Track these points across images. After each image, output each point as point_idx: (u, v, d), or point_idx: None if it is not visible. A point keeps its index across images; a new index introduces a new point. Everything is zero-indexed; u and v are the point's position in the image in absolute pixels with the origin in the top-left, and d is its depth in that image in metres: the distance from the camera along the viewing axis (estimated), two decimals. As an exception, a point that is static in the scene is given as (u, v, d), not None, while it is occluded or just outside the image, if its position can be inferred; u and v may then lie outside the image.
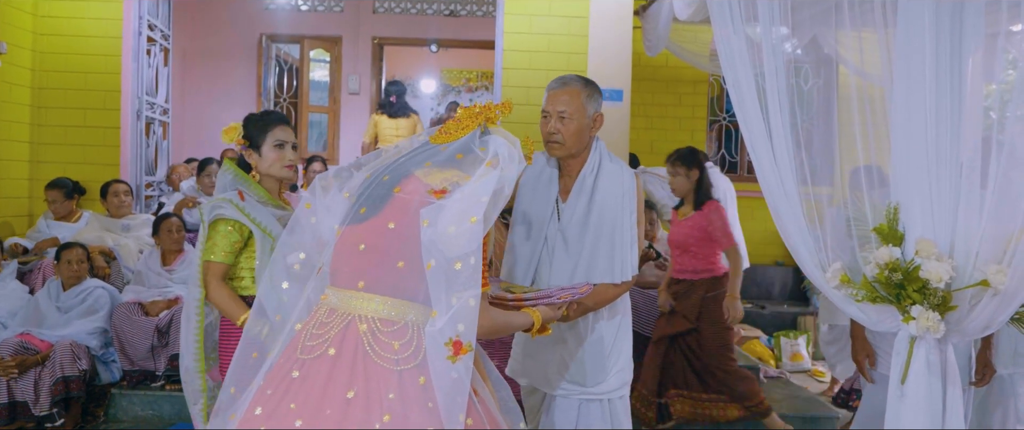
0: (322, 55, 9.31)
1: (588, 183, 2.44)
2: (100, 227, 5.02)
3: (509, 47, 5.51)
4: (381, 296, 1.66)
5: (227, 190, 2.51)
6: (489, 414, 1.73)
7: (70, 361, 3.85)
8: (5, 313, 4.17)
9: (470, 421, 1.63)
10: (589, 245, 2.42)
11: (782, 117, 2.08)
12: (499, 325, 1.91)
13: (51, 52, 5.55)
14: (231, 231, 2.42)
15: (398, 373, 1.60)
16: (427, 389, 1.59)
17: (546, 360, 2.52)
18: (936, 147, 1.82)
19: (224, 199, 2.46)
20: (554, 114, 2.40)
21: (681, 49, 6.01)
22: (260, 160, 2.51)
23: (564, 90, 2.41)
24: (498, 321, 1.89)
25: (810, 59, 4.06)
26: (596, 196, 2.43)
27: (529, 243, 2.48)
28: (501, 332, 1.94)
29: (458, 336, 1.57)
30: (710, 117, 7.51)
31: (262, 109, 8.69)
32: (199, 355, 2.53)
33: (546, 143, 2.45)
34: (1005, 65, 2.07)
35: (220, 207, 2.44)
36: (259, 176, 2.52)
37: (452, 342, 1.57)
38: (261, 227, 2.44)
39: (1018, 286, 1.74)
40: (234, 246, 2.43)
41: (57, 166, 5.51)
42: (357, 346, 1.63)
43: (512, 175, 1.75)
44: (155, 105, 6.03)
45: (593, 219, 2.42)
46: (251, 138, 2.51)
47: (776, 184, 2.10)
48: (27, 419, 3.82)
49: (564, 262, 2.43)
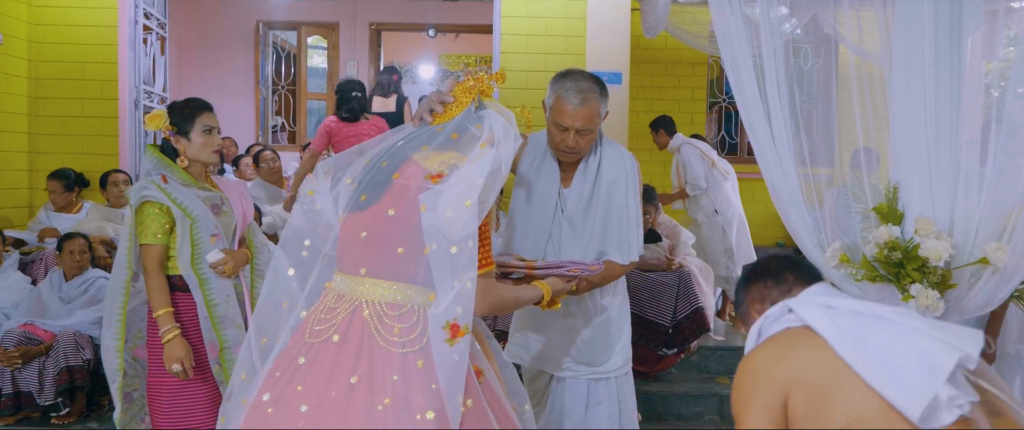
0: (319, 42, 9.27)
1: (591, 168, 2.44)
2: (100, 217, 5.02)
3: (507, 31, 5.49)
4: (385, 281, 1.67)
5: (151, 175, 2.60)
6: (492, 395, 1.74)
7: (73, 351, 3.86)
8: (8, 304, 4.18)
9: (470, 402, 1.64)
10: (598, 228, 2.43)
11: (781, 98, 2.08)
12: (507, 300, 1.89)
13: (47, 42, 5.52)
14: (158, 213, 2.52)
15: (401, 356, 1.61)
16: (429, 371, 1.60)
17: (553, 342, 2.53)
18: (936, 126, 1.82)
19: (149, 181, 2.56)
20: (573, 130, 2.32)
21: (680, 30, 5.99)
22: (189, 145, 2.61)
23: (585, 107, 2.30)
24: (506, 297, 1.87)
25: (809, 39, 4.03)
26: (600, 179, 2.44)
27: (533, 230, 2.48)
28: (509, 307, 1.92)
29: (456, 319, 1.59)
30: (709, 99, 7.49)
31: (262, 97, 8.69)
32: (120, 334, 2.62)
33: (560, 152, 2.40)
34: (1005, 42, 2.06)
35: (145, 189, 2.54)
36: (186, 161, 2.62)
37: (450, 325, 1.59)
38: (181, 207, 2.53)
39: (1017, 264, 1.74)
40: (164, 226, 2.53)
41: (56, 157, 5.50)
42: (363, 330, 1.64)
43: (509, 153, 1.73)
44: (153, 94, 6.02)
45: (599, 202, 2.43)
46: (178, 124, 2.61)
47: (775, 165, 2.10)
48: (32, 409, 3.84)
49: (573, 247, 2.44)
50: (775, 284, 1.68)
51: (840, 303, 1.54)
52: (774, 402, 1.46)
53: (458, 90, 1.83)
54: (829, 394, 1.41)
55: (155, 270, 2.51)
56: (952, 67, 1.81)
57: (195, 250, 2.54)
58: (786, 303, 1.58)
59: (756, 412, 1.47)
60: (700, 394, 4.32)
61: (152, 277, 2.51)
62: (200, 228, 2.55)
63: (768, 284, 1.69)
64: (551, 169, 2.48)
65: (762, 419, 1.46)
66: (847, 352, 1.41)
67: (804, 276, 1.68)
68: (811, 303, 1.55)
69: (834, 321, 1.47)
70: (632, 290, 4.45)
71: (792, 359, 1.48)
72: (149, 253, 2.51)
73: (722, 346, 4.75)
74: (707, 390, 4.36)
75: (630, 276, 4.48)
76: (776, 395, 1.46)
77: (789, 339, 1.53)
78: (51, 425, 3.82)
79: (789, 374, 1.46)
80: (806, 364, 1.46)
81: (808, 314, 1.51)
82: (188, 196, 2.55)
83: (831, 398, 1.41)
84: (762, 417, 1.46)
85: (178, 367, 2.43)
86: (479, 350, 1.77)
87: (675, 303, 4.35)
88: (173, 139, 2.62)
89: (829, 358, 1.43)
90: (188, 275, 2.53)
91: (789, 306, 1.56)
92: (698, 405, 4.28)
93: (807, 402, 1.42)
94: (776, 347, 1.54)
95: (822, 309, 1.52)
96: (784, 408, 1.46)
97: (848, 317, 1.48)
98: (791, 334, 1.54)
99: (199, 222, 2.55)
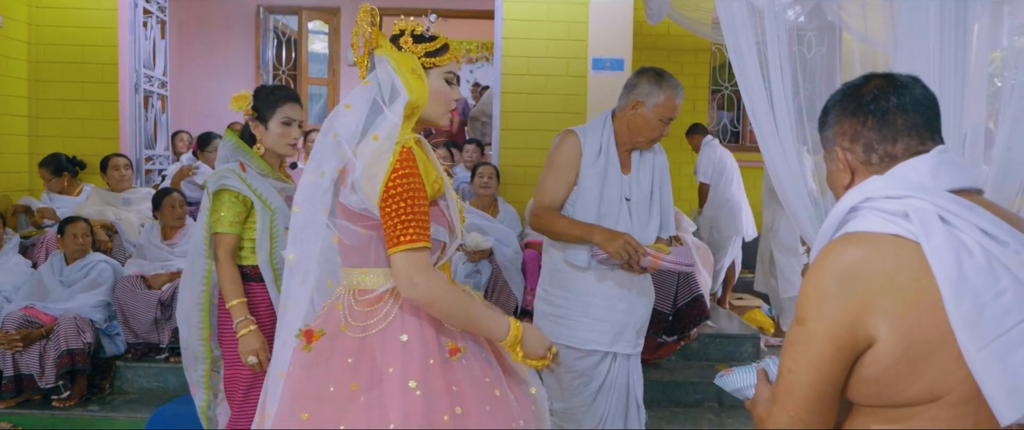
0: (321, 27, 9.23)
1: (648, 155, 2.66)
2: (101, 201, 5.02)
3: (509, 16, 5.46)
4: (357, 268, 1.70)
5: (228, 161, 2.52)
6: (465, 373, 1.66)
7: (74, 334, 3.87)
8: (9, 287, 4.19)
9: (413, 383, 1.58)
10: (656, 210, 2.65)
11: (784, 85, 2.07)
12: (464, 317, 1.65)
13: (47, 25, 5.50)
14: (235, 201, 2.44)
15: (360, 340, 1.64)
16: (383, 357, 1.61)
17: (628, 322, 2.62)
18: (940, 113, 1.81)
19: (228, 169, 2.47)
20: (667, 120, 2.53)
21: (683, 17, 5.95)
22: (265, 134, 2.50)
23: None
24: (471, 314, 1.65)
25: (813, 26, 4.00)
26: (655, 164, 2.66)
27: (603, 220, 2.55)
28: (460, 324, 1.67)
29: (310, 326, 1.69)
30: (712, 86, 7.47)
31: (263, 82, 8.64)
32: (204, 323, 2.55)
33: (648, 141, 2.58)
34: (1011, 30, 2.05)
35: (225, 177, 2.45)
36: (263, 149, 2.52)
37: (303, 332, 1.69)
38: (262, 199, 2.45)
39: (1020, 253, 1.73)
40: (239, 216, 2.45)
41: (56, 140, 5.49)
42: (338, 318, 1.69)
43: (395, 117, 1.62)
44: (153, 78, 6.00)
45: (656, 186, 2.65)
46: (259, 110, 2.50)
47: (778, 152, 2.10)
48: (33, 392, 3.86)
49: (638, 230, 2.57)
50: (877, 125, 1.26)
51: (966, 218, 1.15)
52: (851, 342, 1.15)
53: (354, 44, 1.77)
54: (925, 360, 1.12)
55: (228, 260, 2.43)
56: (957, 55, 1.80)
57: (273, 243, 2.47)
58: (906, 200, 1.17)
59: (823, 346, 1.15)
60: (699, 381, 4.32)
61: (225, 267, 2.42)
62: (278, 220, 2.47)
63: (868, 122, 1.27)
64: (614, 159, 2.59)
65: (826, 359, 1.15)
66: (961, 325, 1.10)
67: (915, 123, 1.25)
68: (933, 214, 1.15)
69: (960, 262, 1.11)
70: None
71: (897, 301, 1.12)
72: (222, 242, 2.43)
73: (721, 333, 4.76)
74: (706, 377, 4.37)
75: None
76: (861, 338, 1.14)
77: (899, 260, 1.14)
78: (52, 408, 3.83)
79: (888, 322, 1.12)
80: (914, 321, 1.12)
81: (931, 242, 1.12)
82: (267, 187, 2.48)
83: (928, 361, 1.12)
84: (827, 353, 1.15)
85: (254, 359, 2.36)
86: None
87: (675, 290, 4.35)
88: (252, 124, 2.52)
89: (941, 319, 1.11)
90: (265, 268, 2.46)
91: (906, 210, 1.16)
92: (697, 392, 4.29)
93: (895, 364, 1.13)
94: (884, 267, 1.14)
95: (947, 234, 1.13)
96: (855, 351, 1.15)
97: (977, 254, 1.12)
98: (900, 250, 1.14)
99: (278, 214, 2.47)
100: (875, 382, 1.15)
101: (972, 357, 1.10)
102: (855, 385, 1.18)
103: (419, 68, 1.69)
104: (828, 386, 1.17)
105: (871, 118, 1.26)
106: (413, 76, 1.67)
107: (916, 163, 1.22)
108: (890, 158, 1.25)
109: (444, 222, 1.69)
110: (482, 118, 8.15)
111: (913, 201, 1.17)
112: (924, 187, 1.19)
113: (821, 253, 1.21)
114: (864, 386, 1.17)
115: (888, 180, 1.22)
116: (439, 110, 1.74)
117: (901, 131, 1.25)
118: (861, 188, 1.23)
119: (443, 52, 1.73)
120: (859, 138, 1.28)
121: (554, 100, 5.43)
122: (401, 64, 1.67)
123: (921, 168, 1.21)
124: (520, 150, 5.49)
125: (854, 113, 1.28)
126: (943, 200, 1.16)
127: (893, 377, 1.14)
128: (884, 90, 1.27)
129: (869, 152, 1.27)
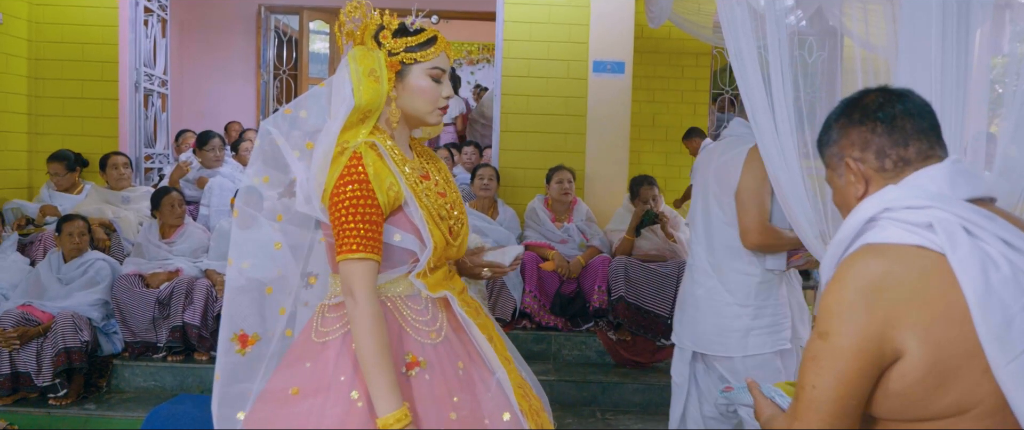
0: (322, 27, 9.22)
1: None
2: (100, 199, 5.01)
3: (510, 18, 5.45)
4: (332, 274, 1.70)
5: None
6: (422, 391, 1.58)
7: (71, 332, 3.86)
8: (6, 285, 4.18)
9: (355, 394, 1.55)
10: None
11: (785, 90, 2.06)
12: (366, 358, 1.49)
13: (47, 22, 5.49)
14: None
15: (321, 345, 1.63)
16: (336, 363, 1.59)
17: (708, 326, 2.66)
18: (942, 119, 1.80)
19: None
20: None
21: (684, 20, 5.94)
22: None
23: None
24: (370, 361, 1.48)
25: (814, 31, 4.00)
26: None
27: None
28: (360, 360, 1.51)
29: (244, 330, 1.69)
30: (713, 90, 7.46)
31: (262, 81, 8.65)
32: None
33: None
34: (1013, 37, 2.04)
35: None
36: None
37: (237, 336, 1.69)
38: None
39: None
40: None
41: (56, 138, 5.48)
42: (313, 323, 1.69)
43: (332, 132, 1.58)
44: (153, 77, 5.99)
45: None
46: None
47: (778, 157, 2.09)
48: (30, 390, 3.85)
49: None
50: (886, 130, 1.23)
51: (988, 228, 1.13)
52: (878, 357, 1.11)
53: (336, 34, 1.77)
54: (953, 373, 1.10)
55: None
56: (959, 60, 1.79)
57: None
58: (928, 210, 1.14)
59: (849, 360, 1.11)
60: (697, 385, 4.30)
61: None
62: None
63: (877, 128, 1.24)
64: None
65: (853, 373, 1.12)
66: (990, 338, 1.07)
67: (922, 127, 1.23)
68: (957, 225, 1.12)
69: (986, 274, 1.08)
70: (631, 281, 4.46)
71: (925, 314, 1.09)
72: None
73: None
74: (704, 381, 4.35)
75: (630, 266, 4.49)
76: (888, 352, 1.11)
77: (925, 272, 1.11)
78: (49, 406, 3.82)
79: (916, 335, 1.09)
80: (942, 334, 1.09)
81: (957, 254, 1.09)
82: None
83: (956, 375, 1.09)
84: (853, 368, 1.12)
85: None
86: (427, 341, 1.63)
87: (674, 294, 4.34)
88: None
89: (969, 332, 1.08)
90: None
91: (929, 220, 1.12)
92: (695, 396, 4.28)
93: (923, 378, 1.10)
94: (910, 280, 1.11)
95: (972, 246, 1.10)
96: (882, 365, 1.12)
97: (1002, 266, 1.10)
98: (925, 261, 1.11)
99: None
100: (902, 396, 1.13)
101: (1000, 370, 1.07)
102: (880, 400, 1.16)
103: (381, 68, 1.62)
104: (854, 401, 1.14)
105: (880, 124, 1.24)
106: (369, 79, 1.60)
107: (932, 172, 1.20)
108: (904, 162, 1.23)
109: (411, 229, 1.60)
110: (481, 120, 8.15)
111: (935, 211, 1.13)
112: (943, 197, 1.16)
113: (842, 265, 1.17)
114: (889, 401, 1.15)
115: (906, 189, 1.18)
116: (423, 108, 1.67)
117: (911, 135, 1.22)
118: (878, 198, 1.19)
119: (427, 46, 1.65)
120: (870, 145, 1.24)
121: (554, 102, 5.43)
122: (361, 65, 1.61)
123: (938, 177, 1.18)
124: (520, 152, 5.48)
125: (861, 122, 1.26)
126: (965, 211, 1.14)
127: (921, 391, 1.11)
128: (887, 97, 1.26)
129: (882, 158, 1.24)
